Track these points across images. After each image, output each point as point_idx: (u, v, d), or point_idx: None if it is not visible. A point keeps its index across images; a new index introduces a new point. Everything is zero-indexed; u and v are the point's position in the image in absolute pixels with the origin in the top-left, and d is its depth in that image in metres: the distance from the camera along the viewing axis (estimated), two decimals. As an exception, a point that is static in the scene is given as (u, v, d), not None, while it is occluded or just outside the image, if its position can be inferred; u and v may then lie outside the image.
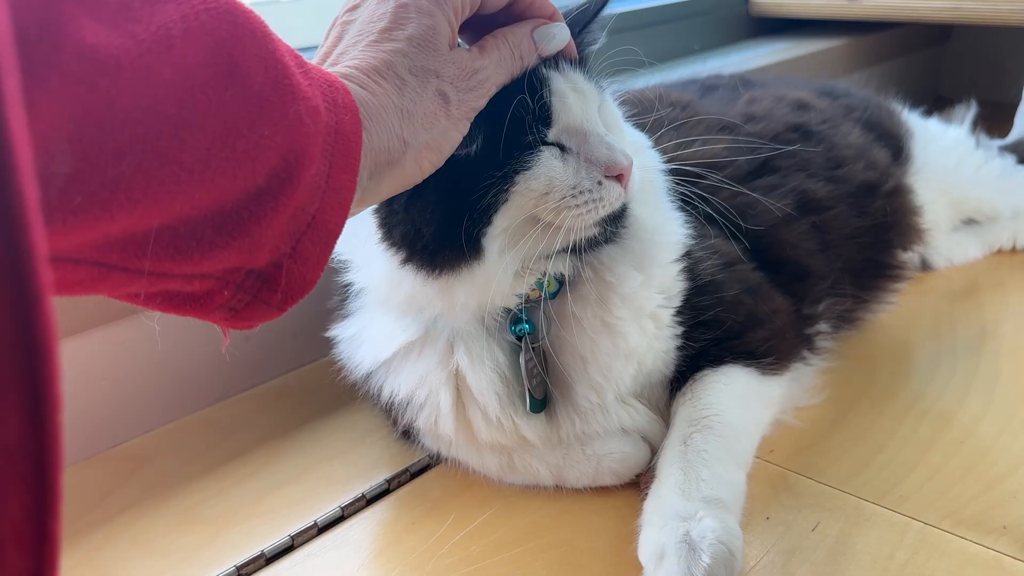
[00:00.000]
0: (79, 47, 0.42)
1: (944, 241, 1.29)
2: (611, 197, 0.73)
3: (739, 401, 0.85)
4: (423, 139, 0.61)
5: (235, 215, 0.49)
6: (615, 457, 0.84)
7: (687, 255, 0.88)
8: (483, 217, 0.71)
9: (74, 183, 0.42)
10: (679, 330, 0.87)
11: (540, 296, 0.80)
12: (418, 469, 0.92)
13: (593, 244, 0.77)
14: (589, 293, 0.81)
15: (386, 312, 0.85)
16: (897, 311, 1.17)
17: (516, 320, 0.82)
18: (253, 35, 0.50)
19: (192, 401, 1.07)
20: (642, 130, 0.90)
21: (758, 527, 0.79)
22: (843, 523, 0.79)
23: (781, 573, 0.73)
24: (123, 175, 0.43)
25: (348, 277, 0.85)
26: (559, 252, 0.76)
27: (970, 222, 1.35)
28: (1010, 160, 1.35)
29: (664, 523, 0.72)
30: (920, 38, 2.22)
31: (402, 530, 0.83)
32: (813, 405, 0.97)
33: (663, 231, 0.86)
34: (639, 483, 0.85)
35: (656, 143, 0.91)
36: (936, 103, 2.33)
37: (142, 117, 0.44)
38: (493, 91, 0.67)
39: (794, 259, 0.99)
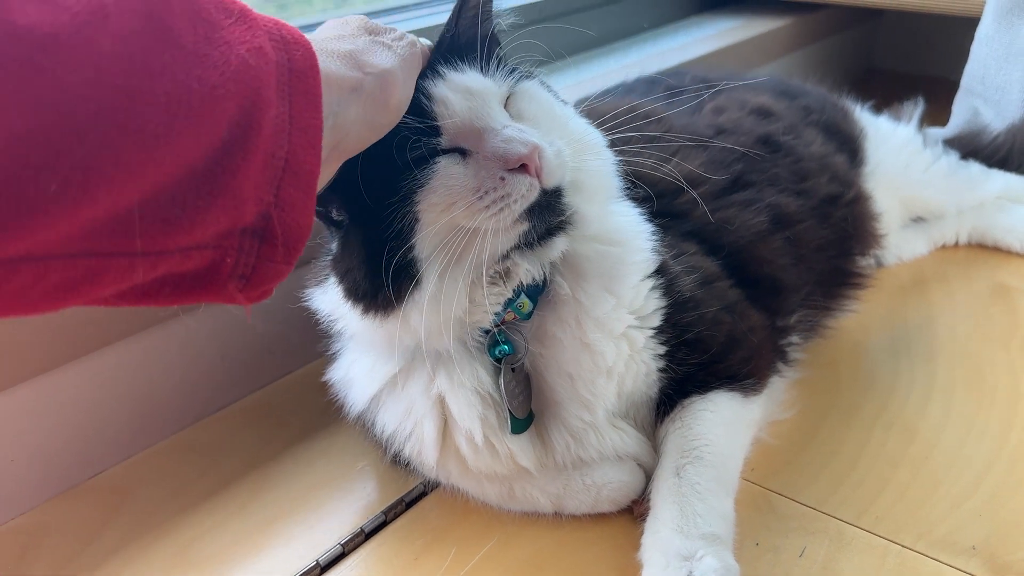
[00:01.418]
0: (12, 30, 0.41)
1: (894, 239, 1.34)
2: (520, 189, 0.71)
3: (726, 428, 0.89)
4: (380, 67, 0.64)
5: (209, 173, 0.50)
6: (613, 487, 0.87)
7: (663, 271, 0.90)
8: (401, 244, 0.72)
9: (44, 171, 0.42)
10: (661, 350, 0.89)
11: (515, 318, 0.82)
12: (413, 498, 0.93)
13: (540, 238, 0.76)
14: (567, 314, 0.83)
15: (370, 350, 0.86)
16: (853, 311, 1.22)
17: (496, 343, 0.83)
18: None
19: (169, 424, 1.05)
20: (615, 146, 0.88)
21: (748, 554, 0.83)
22: (828, 547, 0.84)
23: (776, 603, 0.78)
24: (91, 153, 0.43)
25: (328, 318, 0.85)
26: (512, 254, 0.77)
27: (918, 220, 1.40)
28: (954, 157, 1.41)
29: (667, 563, 0.75)
30: (856, 14, 2.27)
31: (404, 567, 0.84)
32: (785, 419, 1.01)
33: (631, 247, 0.87)
34: (632, 508, 0.88)
35: (635, 158, 0.91)
36: (868, 75, 2.41)
37: (93, 92, 0.43)
38: (419, 44, 0.72)
39: (769, 274, 1.02)
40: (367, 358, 0.87)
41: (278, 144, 0.53)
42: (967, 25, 1.69)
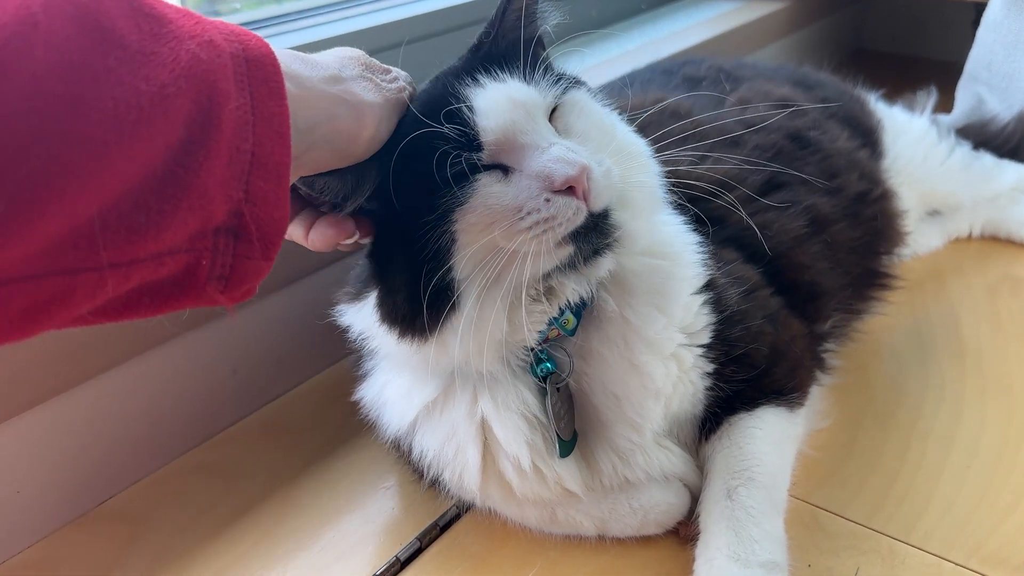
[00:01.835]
0: None
1: (912, 233, 1.32)
2: (566, 213, 0.66)
3: (775, 446, 0.86)
4: (360, 98, 0.63)
5: (171, 175, 0.48)
6: (661, 509, 0.84)
7: (710, 285, 0.86)
8: (438, 266, 0.68)
9: None
10: (710, 368, 0.85)
11: (559, 334, 0.78)
12: (447, 522, 0.89)
13: (586, 259, 0.71)
14: (614, 333, 0.79)
15: (405, 371, 0.82)
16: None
17: (539, 360, 0.79)
18: None
19: (178, 444, 1.00)
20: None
21: (803, 576, 0.81)
22: (881, 567, 0.82)
23: (838, 632, 0.75)
24: (36, 168, 0.42)
25: (360, 336, 0.80)
26: (556, 274, 0.72)
27: (933, 213, 1.38)
28: (967, 148, 1.39)
29: (728, 595, 0.73)
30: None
31: (447, 599, 0.81)
32: (823, 428, 0.98)
33: (680, 261, 0.84)
34: (677, 530, 0.85)
35: (669, 158, 0.87)
36: (857, 55, 2.39)
37: (30, 104, 0.42)
38: (408, 90, 0.69)
39: (808, 280, 0.99)
40: (402, 379, 0.82)
41: (242, 137, 0.51)
42: (960, 8, 1.66)
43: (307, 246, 0.70)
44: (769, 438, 0.86)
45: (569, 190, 0.66)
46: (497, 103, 0.68)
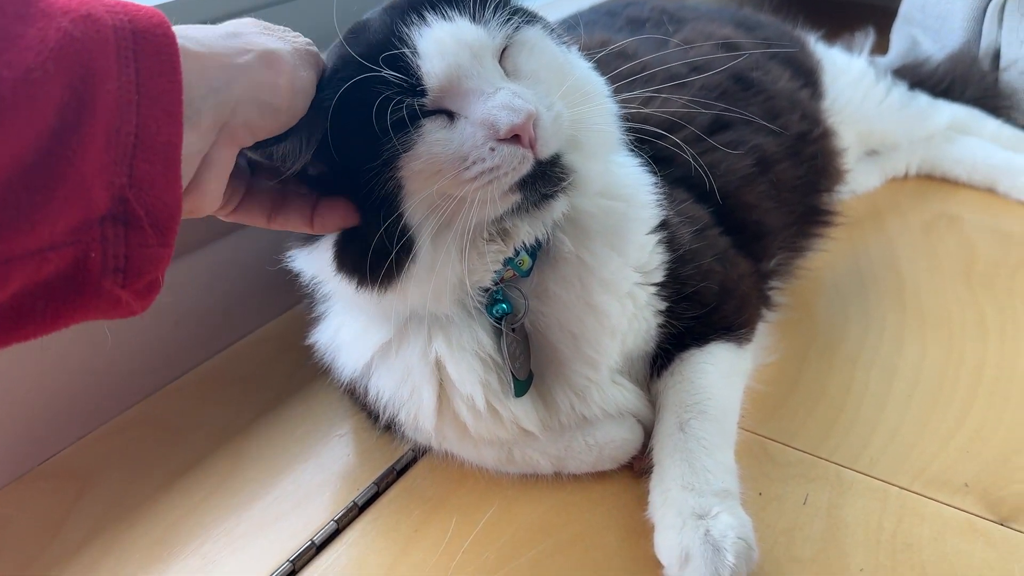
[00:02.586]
0: None
1: (851, 173, 1.34)
2: (511, 162, 0.65)
3: (725, 380, 0.88)
4: (263, 45, 0.59)
5: (41, 165, 0.45)
6: (616, 444, 0.85)
7: (664, 225, 0.86)
8: (387, 212, 0.67)
9: None
10: (662, 306, 0.86)
11: (514, 275, 0.78)
12: (403, 466, 0.89)
13: (536, 203, 0.70)
14: (569, 273, 0.79)
15: (360, 315, 0.81)
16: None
17: (494, 301, 0.79)
18: None
19: (123, 397, 0.97)
20: None
21: (753, 505, 0.82)
22: (829, 493, 0.84)
23: (788, 555, 0.77)
24: None
25: (313, 280, 0.79)
26: (509, 217, 0.72)
27: (871, 153, 1.41)
28: (903, 88, 1.41)
29: (683, 523, 0.74)
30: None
31: (406, 540, 0.81)
32: (769, 363, 1.00)
33: (636, 201, 0.84)
34: (632, 464, 0.87)
35: (617, 100, 0.86)
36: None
37: None
38: (316, 53, 0.66)
39: (755, 219, 1.00)
40: (356, 322, 0.81)
41: (123, 118, 0.47)
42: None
43: (272, 227, 0.68)
44: (719, 372, 0.87)
45: (515, 138, 0.64)
46: (442, 45, 0.66)
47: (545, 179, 0.68)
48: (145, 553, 0.80)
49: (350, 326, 0.83)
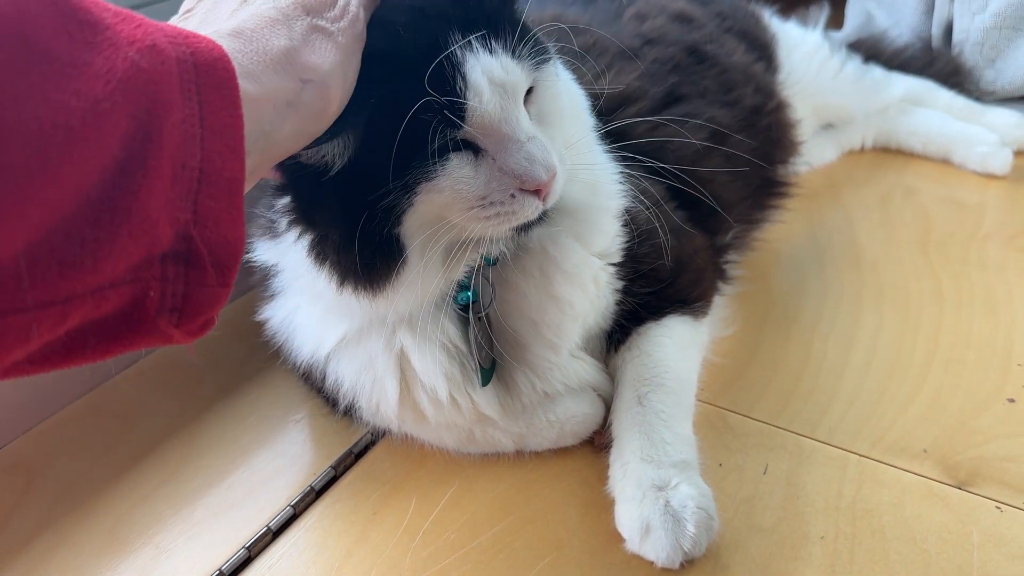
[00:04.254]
0: None
1: (806, 146, 1.35)
2: (526, 211, 0.66)
3: (682, 353, 0.87)
4: (320, 69, 0.55)
5: (107, 200, 0.42)
6: (577, 420, 0.85)
7: (625, 209, 0.86)
8: (383, 223, 0.64)
9: None
10: (619, 285, 0.86)
11: (481, 264, 0.76)
12: (361, 449, 0.87)
13: (524, 231, 0.71)
14: (530, 264, 0.78)
15: (318, 301, 0.78)
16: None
17: (460, 289, 0.78)
18: (40, 1, 0.42)
19: (70, 389, 0.95)
20: None
21: (714, 476, 0.82)
22: (789, 462, 0.84)
23: (749, 525, 0.77)
24: None
25: (262, 258, 0.77)
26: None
27: (827, 126, 1.41)
28: (858, 61, 1.41)
29: (643, 495, 0.74)
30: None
31: (365, 523, 0.79)
32: (727, 335, 1.00)
33: (603, 193, 0.83)
34: (592, 439, 0.86)
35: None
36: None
37: None
38: (362, 16, 0.60)
39: (710, 193, 0.99)
40: (315, 306, 0.79)
41: (188, 152, 0.45)
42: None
43: None
44: (676, 345, 0.87)
45: (535, 191, 0.65)
46: (491, 81, 0.63)
47: (539, 219, 0.70)
48: (97, 544, 0.78)
49: (308, 310, 0.81)
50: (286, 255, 0.73)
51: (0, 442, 0.89)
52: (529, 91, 0.68)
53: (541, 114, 0.69)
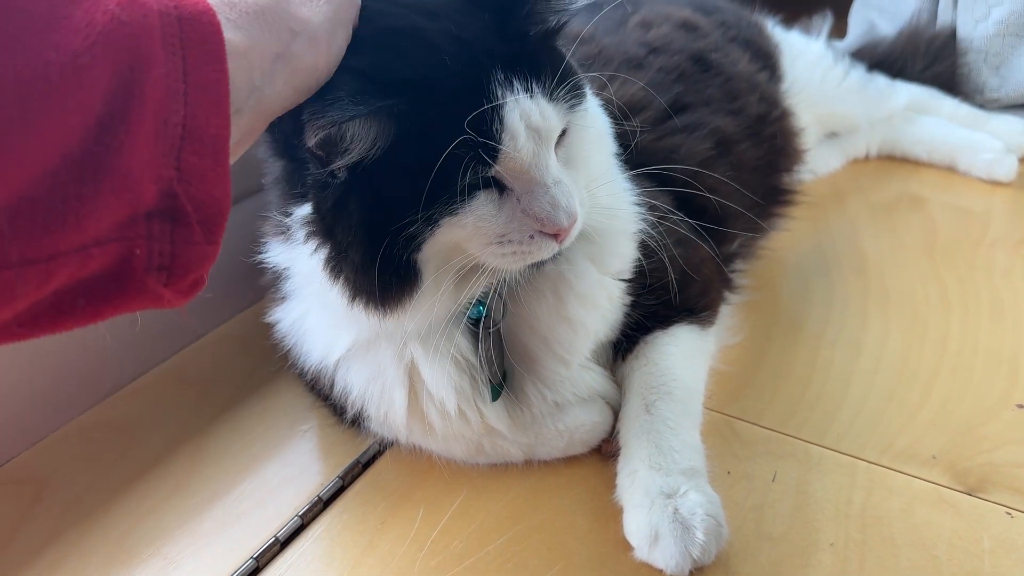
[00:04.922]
0: None
1: (811, 155, 1.35)
2: (542, 252, 0.68)
3: (689, 361, 0.87)
4: (309, 23, 0.55)
5: (89, 156, 0.42)
6: (586, 429, 0.84)
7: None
8: (404, 246, 0.65)
9: None
10: (629, 300, 0.86)
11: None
12: (369, 459, 0.87)
13: (534, 266, 0.72)
14: (543, 285, 0.78)
15: (327, 308, 0.78)
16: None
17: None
18: None
19: (78, 401, 0.95)
20: None
21: (722, 483, 0.82)
22: (798, 469, 0.84)
23: (758, 532, 0.77)
24: None
25: (274, 260, 0.77)
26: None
27: (831, 135, 1.41)
28: (862, 70, 1.42)
29: (651, 502, 0.73)
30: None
31: (373, 533, 0.79)
32: (734, 344, 1.00)
33: (618, 215, 0.82)
34: (600, 447, 0.86)
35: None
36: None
37: None
38: None
39: (716, 202, 0.99)
40: (325, 313, 0.79)
41: (171, 108, 0.45)
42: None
43: None
44: (683, 354, 0.87)
45: (554, 235, 0.66)
46: (526, 127, 0.63)
47: (554, 257, 0.71)
48: (105, 555, 0.78)
49: (318, 315, 0.81)
50: (298, 260, 0.73)
51: (9, 454, 0.89)
52: (561, 132, 0.68)
53: (569, 156, 0.70)
